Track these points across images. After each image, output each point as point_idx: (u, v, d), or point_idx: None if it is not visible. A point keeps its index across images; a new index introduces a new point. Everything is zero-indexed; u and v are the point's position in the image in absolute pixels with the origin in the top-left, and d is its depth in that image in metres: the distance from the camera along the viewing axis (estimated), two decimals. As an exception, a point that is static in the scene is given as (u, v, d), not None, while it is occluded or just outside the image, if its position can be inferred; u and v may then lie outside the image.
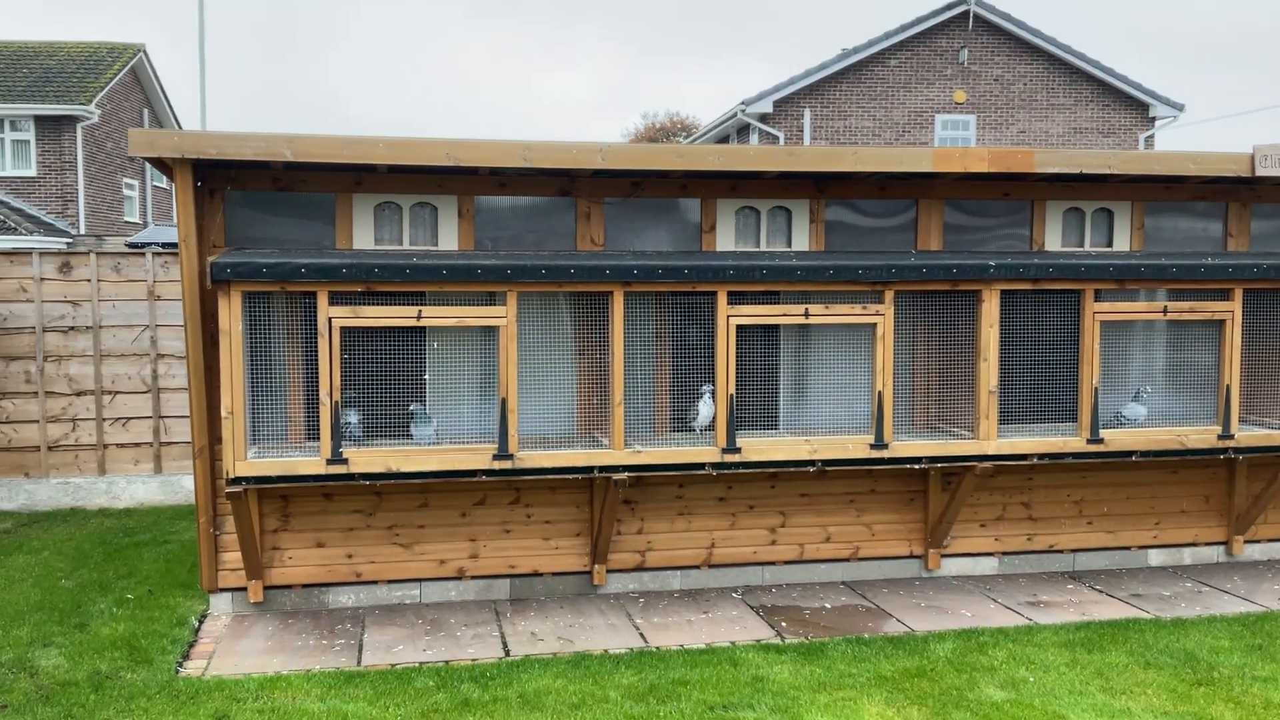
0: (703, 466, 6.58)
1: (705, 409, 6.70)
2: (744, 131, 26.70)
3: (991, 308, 6.71)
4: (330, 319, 5.98)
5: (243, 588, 6.79)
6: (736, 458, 6.54)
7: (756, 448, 6.60)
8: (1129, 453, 7.05)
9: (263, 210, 6.64)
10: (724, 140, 28.08)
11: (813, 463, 6.68)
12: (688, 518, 7.28)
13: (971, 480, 7.05)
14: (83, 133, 25.55)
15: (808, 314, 6.53)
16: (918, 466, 6.83)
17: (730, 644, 6.26)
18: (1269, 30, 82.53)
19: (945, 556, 7.62)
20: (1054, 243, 7.52)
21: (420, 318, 6.10)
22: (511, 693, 5.48)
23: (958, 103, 25.86)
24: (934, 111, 25.84)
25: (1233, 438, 7.12)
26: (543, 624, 6.61)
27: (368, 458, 6.15)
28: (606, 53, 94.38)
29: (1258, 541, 8.09)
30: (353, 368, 6.29)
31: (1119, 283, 6.85)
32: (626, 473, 6.47)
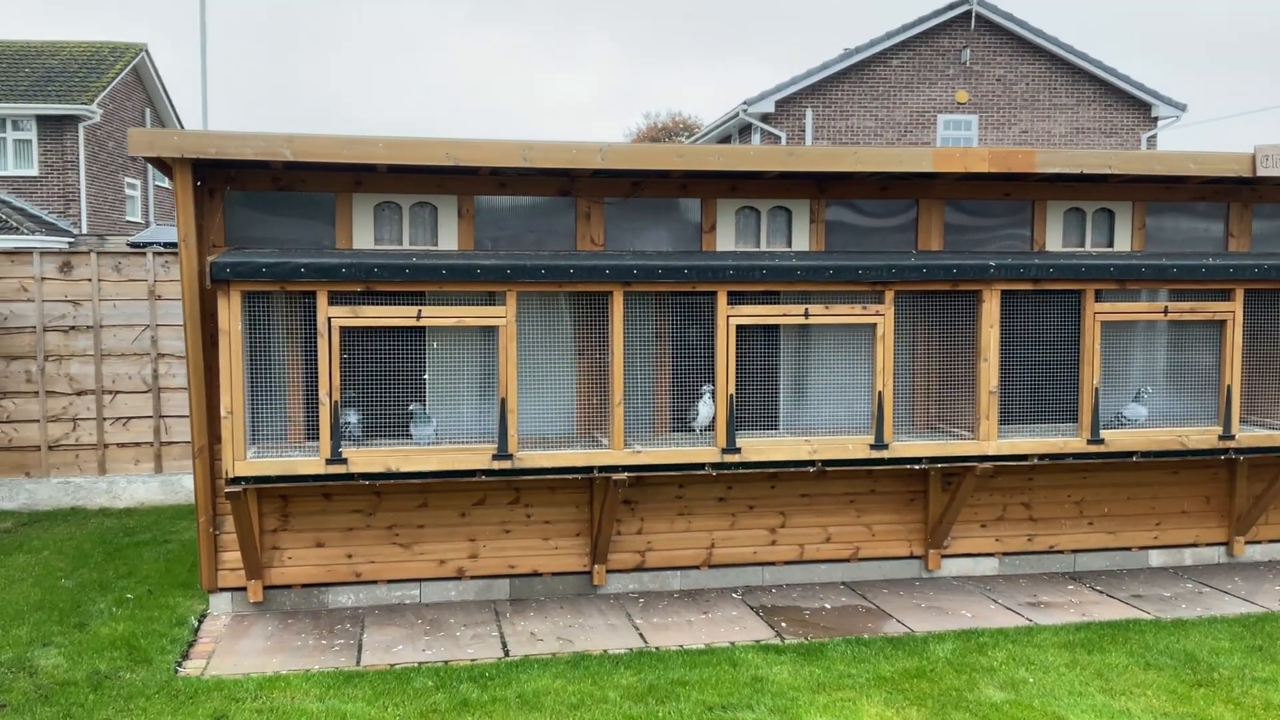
0: (702, 467, 6.57)
1: (705, 409, 6.69)
2: (746, 131, 26.69)
3: (992, 308, 6.70)
4: (330, 319, 5.97)
5: (242, 587, 6.79)
6: (736, 458, 6.54)
7: (756, 448, 6.59)
8: (1130, 453, 7.04)
9: (262, 210, 6.64)
10: (726, 140, 28.07)
11: (813, 463, 6.67)
12: (688, 518, 7.27)
13: (972, 481, 7.04)
14: (85, 132, 25.57)
15: (808, 314, 6.52)
16: (918, 467, 6.82)
17: (730, 644, 6.26)
18: (1271, 30, 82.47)
19: (946, 557, 7.61)
20: (1055, 243, 7.51)
21: (420, 317, 6.10)
22: (510, 693, 5.48)
23: (960, 103, 25.84)
24: (936, 111, 25.83)
25: (1234, 438, 7.11)
26: (542, 624, 6.61)
27: (367, 457, 6.14)
28: (608, 54, 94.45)
29: (1259, 542, 8.08)
30: (352, 367, 6.29)
31: (1120, 283, 6.84)
32: (626, 473, 6.47)
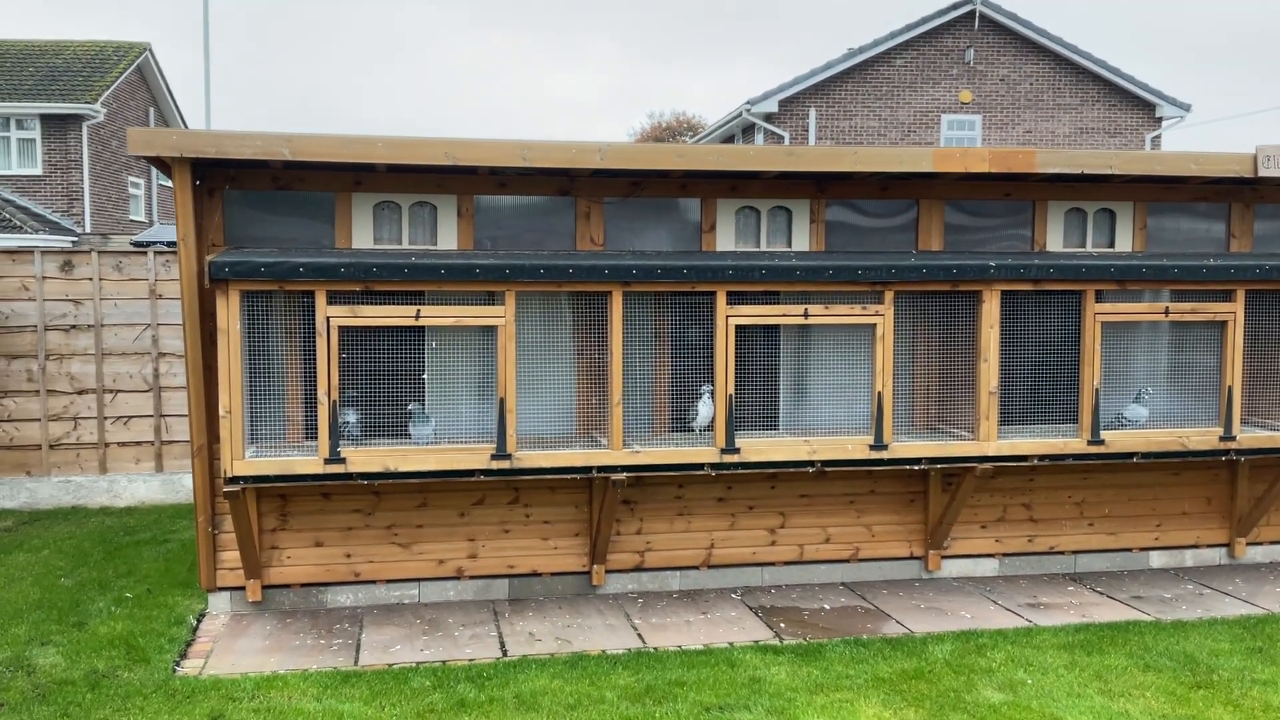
0: (702, 467, 6.56)
1: (704, 409, 6.68)
2: (749, 131, 26.68)
3: (992, 308, 6.68)
4: (328, 318, 5.97)
5: (241, 587, 6.79)
6: (736, 458, 6.53)
7: (756, 448, 6.58)
8: (1130, 454, 7.02)
9: (262, 209, 6.63)
10: (729, 140, 28.05)
11: (812, 463, 6.66)
12: (687, 518, 7.27)
13: (972, 481, 7.02)
14: (88, 131, 25.61)
15: (807, 314, 6.51)
16: (918, 467, 6.81)
17: (728, 645, 6.25)
18: (1272, 30, 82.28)
19: (945, 558, 7.59)
20: (1055, 243, 7.49)
21: (419, 317, 6.09)
22: (508, 693, 5.47)
23: (963, 102, 25.81)
24: (940, 111, 25.80)
25: (1235, 439, 7.09)
26: (541, 624, 6.60)
27: (366, 457, 6.14)
28: (612, 55, 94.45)
29: (1260, 544, 8.06)
30: (351, 367, 6.29)
31: (1120, 283, 6.83)
32: (625, 473, 6.46)
